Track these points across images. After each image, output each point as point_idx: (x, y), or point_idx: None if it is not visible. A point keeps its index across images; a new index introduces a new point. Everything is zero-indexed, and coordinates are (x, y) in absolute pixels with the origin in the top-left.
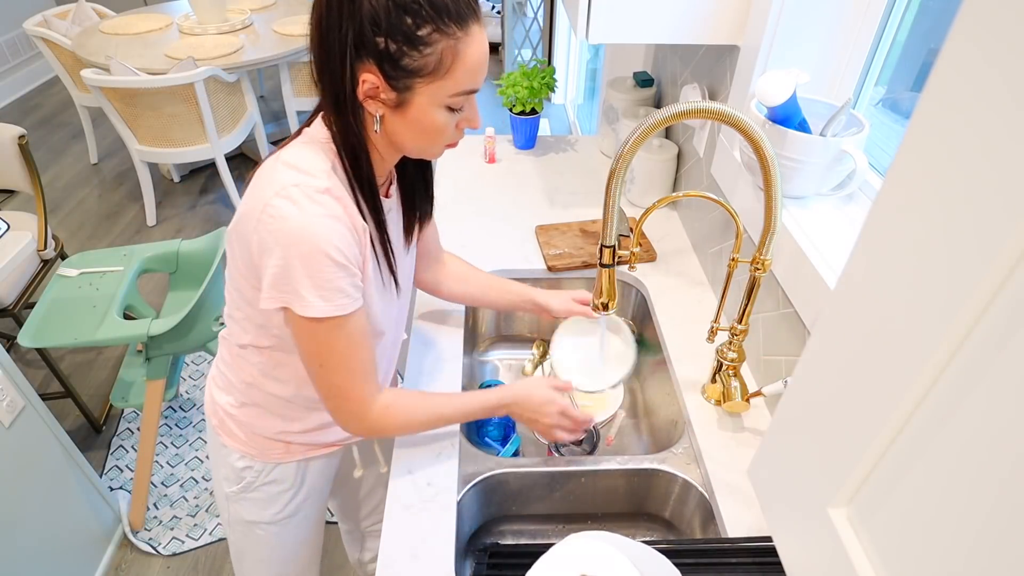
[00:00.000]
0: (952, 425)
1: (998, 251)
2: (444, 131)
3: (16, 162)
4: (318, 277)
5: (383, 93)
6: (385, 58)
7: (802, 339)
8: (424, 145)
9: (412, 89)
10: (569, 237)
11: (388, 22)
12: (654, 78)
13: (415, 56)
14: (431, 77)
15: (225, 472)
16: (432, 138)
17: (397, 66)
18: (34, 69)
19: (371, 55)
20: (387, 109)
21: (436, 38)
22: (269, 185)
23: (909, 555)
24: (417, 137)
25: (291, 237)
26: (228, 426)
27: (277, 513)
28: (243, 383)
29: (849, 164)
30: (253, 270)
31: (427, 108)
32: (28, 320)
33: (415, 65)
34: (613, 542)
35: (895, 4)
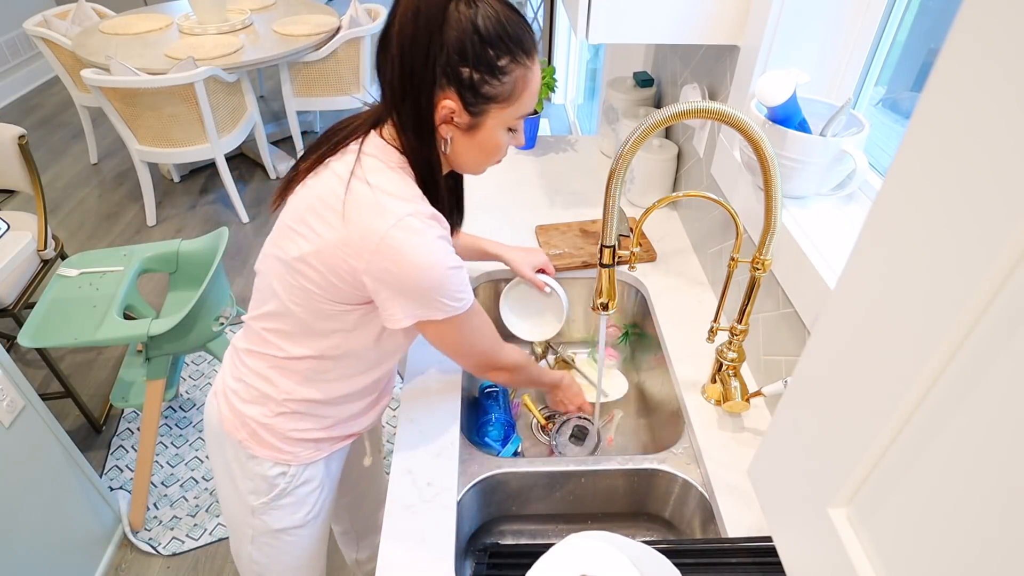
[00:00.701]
0: (952, 425)
1: (999, 250)
2: (501, 150)
3: (16, 162)
4: (453, 289)
5: (458, 117)
6: (467, 86)
7: (802, 339)
8: (482, 163)
9: (486, 114)
10: (569, 237)
11: (474, 53)
12: (654, 78)
13: (495, 84)
14: (504, 103)
15: (253, 485)
16: (491, 156)
17: (477, 93)
18: (34, 69)
19: (453, 83)
20: (459, 132)
21: (512, 68)
22: (379, 217)
23: (909, 555)
24: (478, 156)
25: (426, 265)
26: (261, 436)
27: (307, 514)
28: (281, 393)
29: (849, 164)
30: (344, 294)
31: (494, 131)
32: (28, 320)
33: (493, 92)
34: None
35: (895, 4)
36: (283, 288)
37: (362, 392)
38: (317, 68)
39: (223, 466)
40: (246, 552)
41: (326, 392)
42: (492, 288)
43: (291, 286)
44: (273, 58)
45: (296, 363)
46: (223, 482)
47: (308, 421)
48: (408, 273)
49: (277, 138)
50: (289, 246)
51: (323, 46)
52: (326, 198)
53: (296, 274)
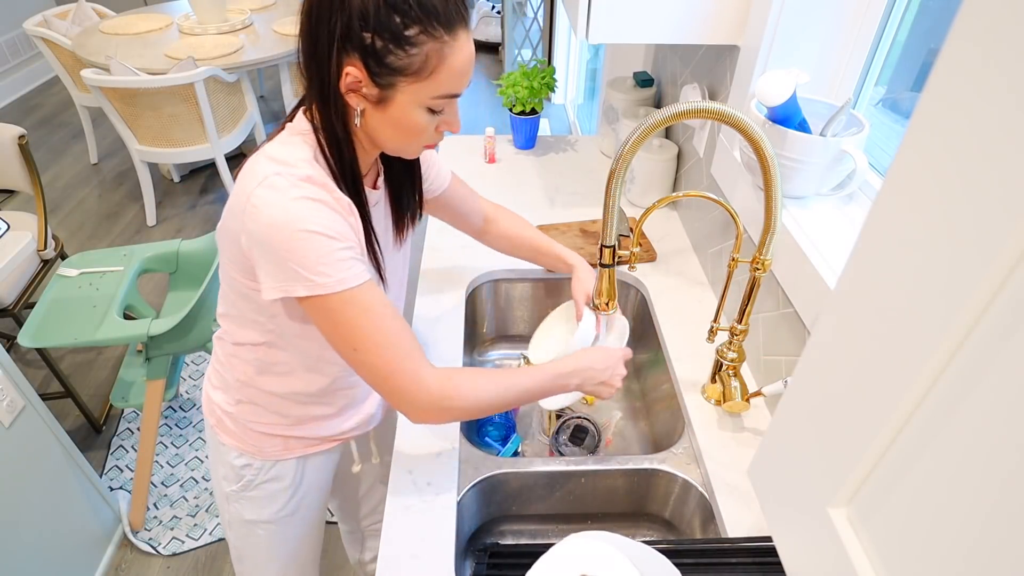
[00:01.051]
0: (952, 425)
1: (998, 250)
2: (423, 132)
3: (16, 162)
4: (312, 254)
5: (365, 88)
6: (370, 54)
7: (802, 339)
8: (402, 144)
9: (394, 87)
10: (569, 237)
11: (376, 19)
12: (654, 78)
13: (400, 55)
14: (414, 77)
15: (224, 471)
16: (410, 137)
17: (381, 63)
18: (34, 69)
19: (357, 49)
20: (368, 104)
21: (423, 39)
22: (251, 178)
23: (909, 555)
24: (395, 135)
25: (277, 222)
26: (225, 424)
27: (278, 511)
28: (237, 381)
29: (849, 164)
30: (245, 265)
31: (408, 108)
32: (28, 320)
33: (399, 64)
34: (613, 542)
35: (895, 4)
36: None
37: (320, 393)
38: None
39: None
40: (228, 536)
41: (280, 386)
42: (492, 288)
43: (221, 264)
44: (273, 58)
45: (244, 350)
46: (210, 463)
47: (268, 415)
48: (262, 232)
49: None
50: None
51: None
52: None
53: (220, 250)
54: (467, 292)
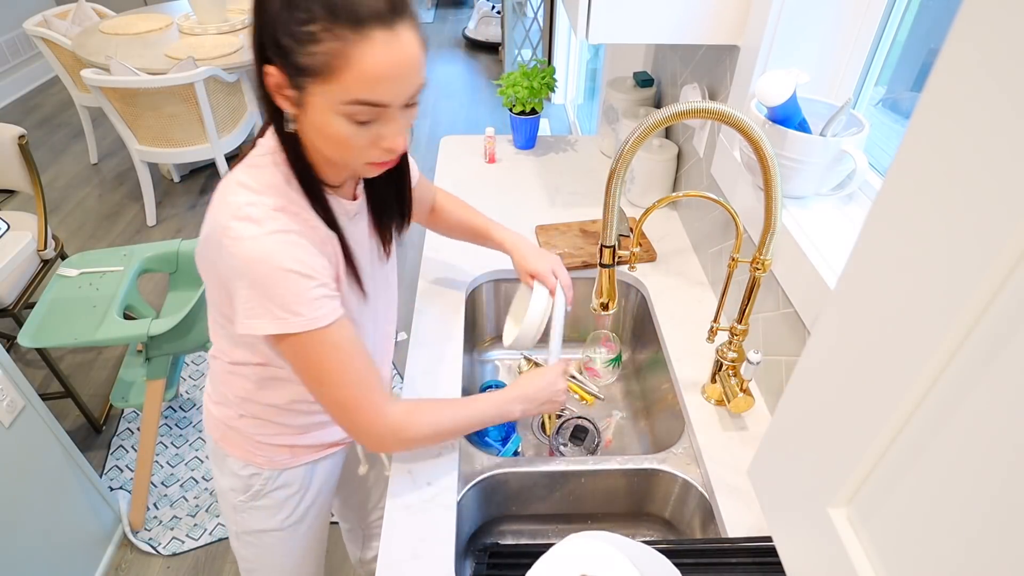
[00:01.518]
0: (952, 425)
1: (998, 251)
2: (349, 143)
3: (16, 162)
4: (285, 294)
5: (285, 90)
6: (283, 53)
7: (802, 339)
8: (336, 155)
9: (305, 89)
10: (569, 237)
11: (281, 18)
12: (654, 78)
13: (301, 53)
14: (320, 79)
15: (231, 482)
16: (340, 149)
17: (292, 63)
18: (34, 69)
19: (272, 50)
20: (292, 107)
21: (323, 36)
22: (225, 208)
23: (909, 555)
24: (325, 144)
25: (251, 260)
26: (231, 438)
27: (287, 518)
28: (238, 397)
29: (849, 164)
30: (227, 293)
31: (323, 113)
32: (28, 320)
33: (304, 64)
34: (613, 542)
35: (895, 4)
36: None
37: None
38: None
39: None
40: (235, 547)
41: (280, 397)
42: (492, 289)
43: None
44: None
45: (241, 368)
46: (214, 474)
47: (273, 427)
48: (236, 267)
49: None
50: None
51: None
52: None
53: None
54: (467, 292)
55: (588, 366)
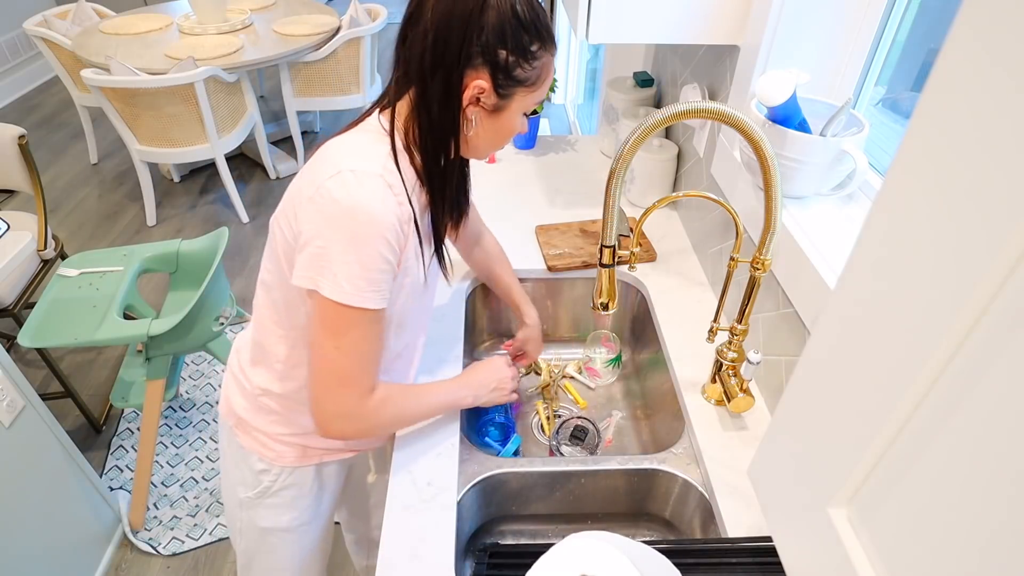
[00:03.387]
0: (952, 425)
1: (999, 250)
2: (514, 133)
3: (16, 162)
4: (362, 260)
5: (485, 98)
6: (500, 68)
7: (802, 339)
8: (493, 147)
9: (512, 97)
10: (569, 237)
11: (512, 36)
12: (654, 78)
13: (526, 68)
14: (531, 88)
15: (242, 476)
16: (504, 139)
17: (509, 76)
18: (34, 69)
19: (488, 64)
20: (483, 113)
21: (541, 54)
22: (324, 167)
23: (909, 555)
24: (494, 138)
25: (344, 216)
26: (246, 426)
27: (294, 519)
28: (259, 388)
29: (849, 164)
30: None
31: (514, 114)
32: (28, 320)
33: (523, 76)
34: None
35: (895, 4)
36: (266, 257)
37: None
38: (317, 68)
39: (223, 449)
40: (236, 542)
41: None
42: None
43: (267, 254)
44: (273, 58)
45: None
46: (225, 466)
47: (287, 426)
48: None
49: (277, 138)
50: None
51: (323, 46)
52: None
53: (272, 239)
54: (467, 292)
55: (588, 366)
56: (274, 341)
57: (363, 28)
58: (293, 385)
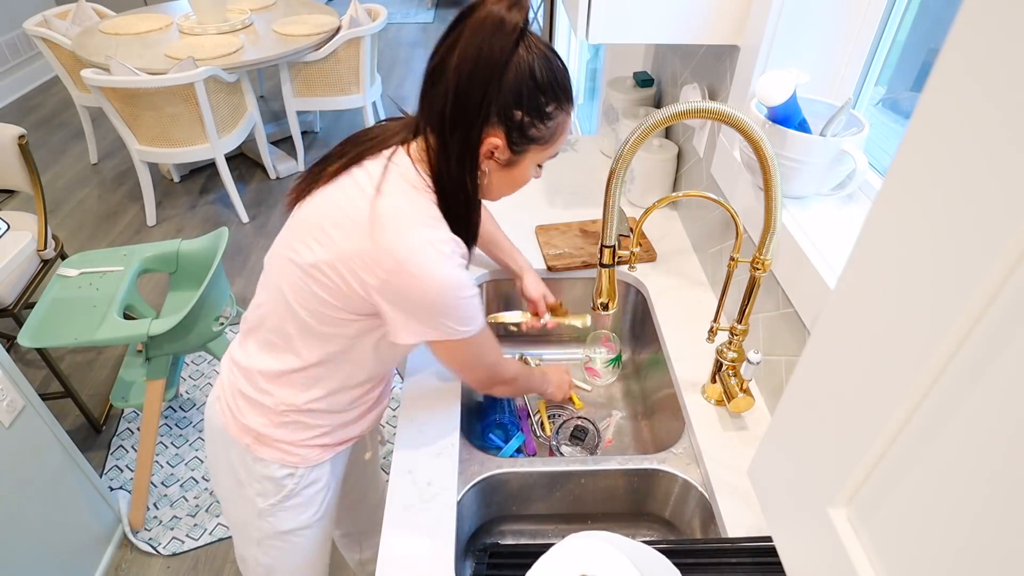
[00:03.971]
0: (952, 425)
1: (999, 250)
2: (526, 183)
3: (16, 162)
4: (464, 316)
5: (499, 154)
6: (515, 127)
7: (802, 339)
8: (506, 194)
9: (526, 153)
10: (569, 237)
11: (528, 98)
12: (654, 78)
13: (540, 128)
14: (544, 145)
15: (260, 487)
16: (517, 187)
17: (524, 135)
18: (34, 69)
19: (503, 122)
20: (496, 166)
21: (556, 114)
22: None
23: (909, 555)
24: (507, 188)
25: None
26: (266, 441)
27: (314, 514)
28: (281, 403)
29: (849, 164)
30: (352, 304)
31: (527, 167)
32: (28, 320)
33: (537, 135)
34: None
35: (895, 4)
36: (291, 290)
37: (360, 397)
38: (317, 68)
39: (227, 469)
40: (252, 555)
41: (325, 402)
42: (493, 288)
43: (300, 290)
44: (273, 58)
45: (294, 375)
46: (227, 485)
47: (309, 430)
48: (422, 298)
49: (277, 138)
50: (304, 251)
51: (323, 46)
52: (346, 209)
53: (308, 279)
54: None
55: (588, 366)
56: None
57: (363, 28)
58: (314, 399)
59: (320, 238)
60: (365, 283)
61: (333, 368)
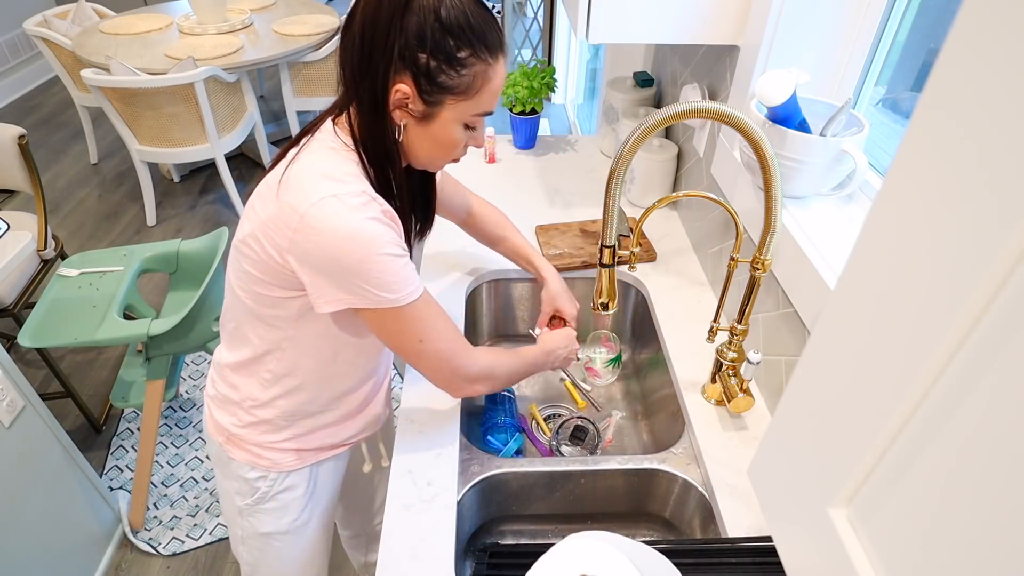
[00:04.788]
0: (953, 425)
1: (998, 250)
2: (457, 146)
3: (16, 162)
4: (386, 276)
5: (412, 104)
6: (423, 73)
7: (802, 339)
8: (436, 157)
9: (441, 104)
10: (569, 237)
11: (433, 40)
12: (654, 78)
13: (452, 75)
14: (461, 96)
15: (237, 486)
16: (445, 151)
17: (433, 82)
18: (34, 69)
19: (409, 68)
20: (412, 119)
21: (472, 61)
22: (302, 194)
23: (909, 555)
24: (432, 149)
25: (350, 244)
26: (237, 441)
27: (293, 521)
28: (247, 401)
29: (849, 164)
30: (278, 276)
31: (449, 124)
32: (28, 320)
33: (449, 83)
34: (613, 542)
35: (895, 4)
36: (232, 274)
37: (337, 400)
38: (317, 68)
39: (215, 463)
40: (239, 552)
41: (292, 400)
42: (492, 288)
43: (237, 270)
44: (273, 58)
45: (252, 366)
46: (219, 480)
47: (278, 432)
48: (328, 253)
49: (277, 138)
50: (239, 232)
51: (323, 46)
52: (269, 181)
53: (240, 256)
54: (467, 292)
55: (588, 366)
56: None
57: None
58: (279, 396)
59: (248, 214)
60: (279, 247)
61: (290, 360)
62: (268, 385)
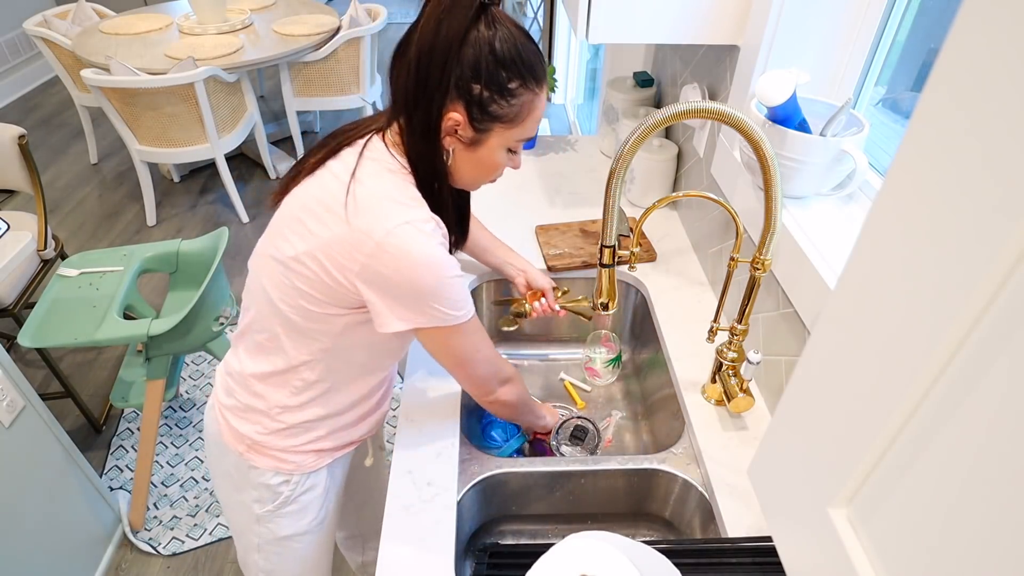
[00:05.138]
0: (953, 425)
1: (998, 250)
2: (499, 169)
3: (16, 162)
4: (449, 298)
5: (462, 131)
6: (475, 102)
7: (802, 339)
8: (478, 179)
9: (490, 132)
10: (569, 237)
11: (487, 72)
12: (654, 78)
13: (502, 105)
14: (509, 124)
15: (256, 494)
16: (488, 174)
17: (484, 111)
18: (34, 69)
19: (463, 97)
20: (460, 145)
21: (521, 92)
22: (375, 221)
23: (909, 555)
24: (476, 172)
25: (426, 270)
26: (260, 449)
27: (313, 520)
28: (274, 408)
29: (849, 164)
30: (336, 295)
31: (495, 149)
32: (28, 320)
33: (500, 112)
34: (613, 542)
35: (895, 4)
36: (274, 287)
37: (358, 401)
38: (317, 68)
39: (225, 476)
40: (253, 560)
41: (320, 404)
42: (492, 288)
43: (283, 285)
44: (273, 58)
45: (284, 375)
46: (226, 491)
47: (305, 435)
48: (405, 279)
49: (277, 138)
50: (284, 246)
51: (323, 46)
52: (322, 198)
53: (290, 273)
54: None
55: (588, 366)
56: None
57: (363, 28)
58: (309, 405)
59: (299, 230)
60: (346, 270)
61: (324, 368)
62: (298, 392)
